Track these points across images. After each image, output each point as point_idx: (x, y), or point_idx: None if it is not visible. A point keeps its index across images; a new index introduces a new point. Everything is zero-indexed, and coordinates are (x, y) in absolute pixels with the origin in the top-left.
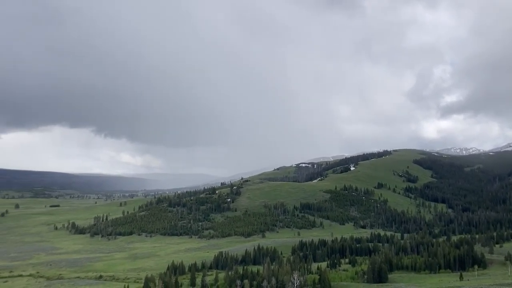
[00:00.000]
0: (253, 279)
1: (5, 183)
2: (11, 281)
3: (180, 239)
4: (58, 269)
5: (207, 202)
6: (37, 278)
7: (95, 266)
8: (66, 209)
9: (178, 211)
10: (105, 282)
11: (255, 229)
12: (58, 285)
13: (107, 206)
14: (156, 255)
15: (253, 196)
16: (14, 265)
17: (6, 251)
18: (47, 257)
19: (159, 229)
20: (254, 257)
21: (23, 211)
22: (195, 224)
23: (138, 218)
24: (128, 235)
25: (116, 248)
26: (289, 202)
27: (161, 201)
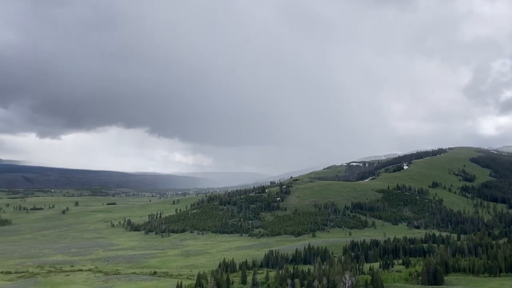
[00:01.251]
0: (304, 278)
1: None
2: (72, 275)
3: (231, 237)
4: (115, 264)
5: (257, 201)
6: (95, 273)
7: (149, 262)
8: (122, 207)
9: (228, 209)
10: (159, 278)
11: (305, 229)
12: (115, 280)
13: (161, 204)
14: (207, 252)
15: (302, 195)
16: (75, 260)
17: (67, 246)
18: (105, 253)
19: (211, 227)
20: (304, 256)
21: (82, 208)
22: (245, 223)
23: (190, 216)
24: (180, 232)
25: (170, 245)
26: (340, 202)
27: (212, 199)
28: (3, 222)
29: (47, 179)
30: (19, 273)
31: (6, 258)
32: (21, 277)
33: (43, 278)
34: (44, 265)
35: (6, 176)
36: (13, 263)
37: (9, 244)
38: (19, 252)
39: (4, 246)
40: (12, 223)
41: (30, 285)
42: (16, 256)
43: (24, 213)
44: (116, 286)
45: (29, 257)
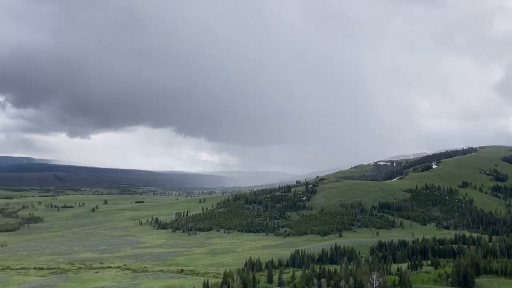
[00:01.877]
0: (331, 278)
1: (95, 180)
2: (101, 272)
3: (257, 236)
4: (142, 262)
5: (283, 200)
6: (124, 270)
7: (176, 260)
8: (149, 205)
9: (254, 208)
10: (186, 276)
11: (331, 228)
12: (143, 277)
13: (187, 203)
14: (233, 251)
15: (329, 195)
16: (104, 257)
17: (97, 244)
18: (133, 250)
19: (237, 226)
20: (331, 256)
21: (111, 206)
22: (271, 222)
23: (216, 214)
24: (207, 231)
25: (196, 243)
26: (367, 201)
27: (238, 198)
28: (35, 220)
29: (77, 177)
30: (51, 269)
31: (39, 254)
32: (53, 273)
33: (73, 274)
34: (75, 261)
35: (38, 175)
36: (45, 259)
37: (42, 240)
38: (50, 248)
39: (37, 242)
40: (44, 220)
41: (61, 281)
42: (48, 252)
43: (55, 211)
44: (143, 283)
45: (60, 254)
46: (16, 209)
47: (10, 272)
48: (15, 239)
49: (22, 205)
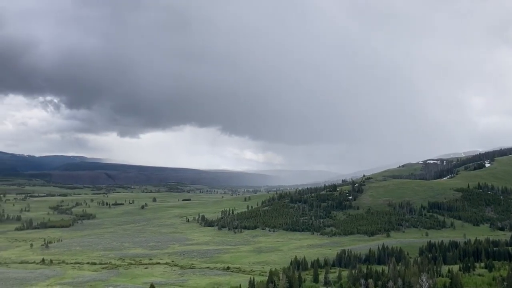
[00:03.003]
0: (378, 279)
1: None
2: (150, 268)
3: (302, 235)
4: (190, 259)
5: (328, 199)
6: (172, 266)
7: (223, 258)
8: (196, 203)
9: (299, 207)
10: (232, 274)
11: (379, 228)
12: (191, 274)
13: (233, 201)
14: (279, 249)
15: (376, 194)
16: (153, 253)
17: (146, 240)
18: (180, 247)
19: (282, 224)
20: (378, 256)
21: (159, 204)
22: (316, 221)
23: (261, 213)
24: (252, 229)
25: (242, 241)
26: (416, 201)
27: (282, 197)
28: (88, 216)
29: (127, 176)
30: (103, 264)
31: (92, 250)
32: (105, 268)
33: (124, 270)
34: (125, 257)
35: (90, 173)
36: (98, 254)
37: (94, 236)
38: (102, 244)
39: (90, 238)
40: (96, 217)
41: (112, 275)
42: (100, 248)
43: (107, 208)
44: (191, 280)
45: (111, 250)
46: (71, 206)
47: (66, 266)
48: (69, 234)
49: (76, 202)
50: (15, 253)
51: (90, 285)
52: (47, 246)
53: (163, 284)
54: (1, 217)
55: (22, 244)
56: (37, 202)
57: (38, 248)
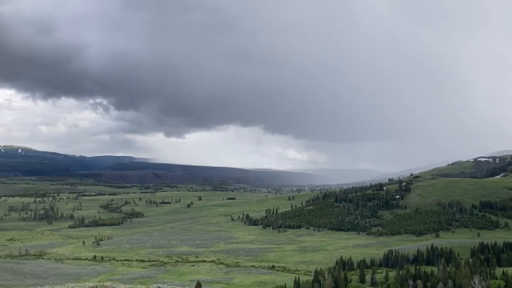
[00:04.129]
0: (427, 280)
1: (190, 177)
2: (196, 265)
3: (347, 235)
4: (235, 257)
5: (374, 199)
6: (218, 264)
7: (267, 257)
8: (240, 202)
9: (344, 206)
10: (277, 273)
11: (427, 228)
12: (236, 272)
13: (277, 200)
14: (324, 249)
15: (424, 193)
16: (199, 251)
17: (192, 238)
18: (225, 245)
19: (326, 224)
20: (427, 257)
21: (204, 202)
22: (362, 221)
23: (305, 212)
24: (296, 228)
25: (286, 240)
26: (466, 200)
27: (327, 196)
28: (137, 215)
29: (174, 175)
30: (151, 261)
31: (140, 247)
32: (153, 265)
33: (171, 267)
34: (172, 255)
35: (138, 173)
36: (146, 252)
37: (142, 234)
38: (151, 242)
39: (138, 236)
40: (144, 215)
41: (160, 273)
42: (148, 246)
43: (154, 206)
44: (236, 278)
45: (159, 247)
46: (120, 205)
47: (116, 263)
48: (119, 232)
49: (125, 201)
50: (69, 250)
51: (139, 282)
52: (98, 244)
53: (209, 281)
54: (55, 215)
55: (75, 241)
56: (88, 201)
57: (90, 245)
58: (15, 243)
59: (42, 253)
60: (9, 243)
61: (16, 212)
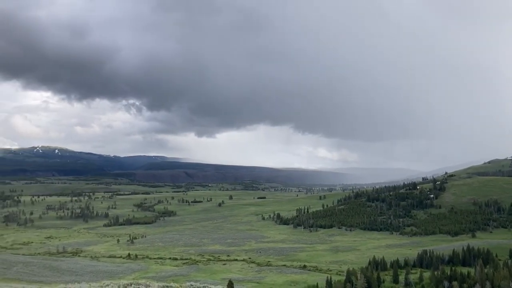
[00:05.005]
0: (463, 282)
1: (221, 176)
2: (228, 264)
3: (380, 235)
4: (266, 256)
5: (408, 198)
6: (249, 263)
7: (299, 256)
8: (271, 201)
9: (377, 206)
10: (309, 272)
11: (463, 228)
12: (267, 271)
13: (308, 199)
14: (356, 249)
15: (459, 192)
16: (230, 250)
17: (224, 237)
18: (257, 244)
19: (359, 224)
20: (463, 258)
21: (235, 201)
22: (395, 220)
23: (337, 211)
24: (328, 228)
25: (318, 240)
26: (504, 200)
27: (359, 195)
28: (169, 213)
29: (205, 174)
30: (183, 259)
31: (173, 245)
32: (185, 264)
33: (203, 265)
34: (204, 253)
35: (170, 172)
36: (179, 250)
37: (175, 233)
38: (183, 240)
39: (171, 234)
40: (177, 214)
41: (193, 271)
42: (181, 244)
43: (186, 205)
44: (268, 277)
45: (191, 246)
46: (153, 204)
47: (149, 261)
48: (152, 231)
49: (157, 200)
50: (104, 248)
51: (172, 280)
52: (132, 242)
53: (241, 280)
54: (91, 214)
55: (110, 239)
56: (122, 200)
57: (124, 243)
58: (53, 241)
59: (78, 251)
60: (48, 241)
61: (53, 211)
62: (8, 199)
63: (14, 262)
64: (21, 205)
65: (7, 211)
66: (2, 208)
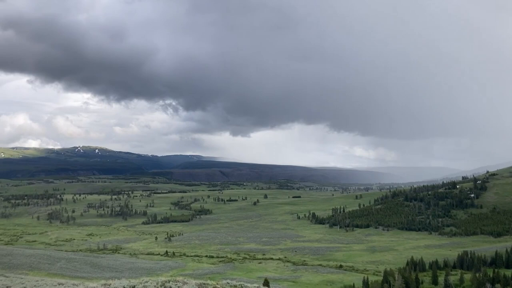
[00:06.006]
0: (507, 284)
1: (255, 175)
2: (264, 263)
3: (418, 235)
4: (302, 255)
5: (447, 197)
6: (285, 262)
7: (335, 256)
8: (306, 200)
9: (415, 205)
10: (345, 272)
11: (506, 229)
12: (303, 270)
13: (343, 199)
14: (393, 249)
15: (502, 192)
16: (265, 249)
17: (259, 236)
18: (292, 243)
19: (396, 223)
20: (506, 259)
21: (270, 200)
22: (434, 220)
23: (374, 211)
24: (364, 227)
25: (354, 239)
26: None
27: (396, 194)
28: (205, 212)
29: (240, 173)
30: (220, 257)
31: (209, 243)
32: (221, 262)
33: (239, 263)
34: (240, 252)
35: (206, 171)
36: (215, 248)
37: (211, 231)
38: (219, 238)
39: (207, 232)
40: (212, 212)
41: (229, 269)
42: (217, 242)
43: (222, 204)
44: (304, 276)
45: (227, 244)
46: (189, 202)
47: (186, 259)
48: (189, 229)
49: (194, 198)
50: (143, 245)
51: (209, 278)
52: (170, 239)
53: (277, 279)
54: (130, 212)
55: (148, 237)
56: (160, 198)
57: (162, 241)
58: (94, 238)
59: (118, 248)
60: (89, 238)
61: (94, 209)
62: (51, 198)
63: (57, 258)
64: (64, 203)
65: (50, 209)
66: (46, 206)
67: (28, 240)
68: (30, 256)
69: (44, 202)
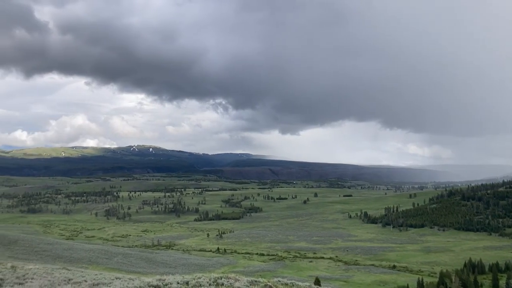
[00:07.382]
0: None
1: (305, 174)
2: (314, 261)
3: (477, 236)
4: (353, 255)
5: (508, 197)
6: (336, 261)
7: (388, 256)
8: (357, 199)
9: (473, 205)
10: (398, 273)
11: None
12: (355, 270)
13: (397, 197)
14: (450, 250)
15: None
16: (316, 247)
17: (309, 234)
18: (343, 243)
19: (452, 223)
20: None
21: (320, 199)
22: (494, 220)
23: (429, 210)
24: (419, 227)
25: (408, 239)
26: None
27: (453, 193)
28: (255, 209)
29: (289, 171)
30: (270, 255)
31: (260, 241)
32: (272, 259)
33: (290, 262)
34: (290, 250)
35: (256, 169)
36: (265, 246)
37: (261, 229)
38: (269, 236)
39: (258, 230)
40: (262, 210)
41: (279, 267)
42: (267, 240)
43: (272, 202)
44: (356, 276)
45: (277, 242)
46: (240, 200)
47: (237, 256)
48: (239, 226)
49: (244, 196)
50: (195, 242)
51: (260, 275)
52: (221, 237)
53: (328, 278)
54: (182, 209)
55: (200, 233)
56: (211, 195)
57: (214, 238)
58: (148, 234)
59: (171, 244)
60: (144, 234)
61: (149, 206)
62: (108, 195)
63: (114, 253)
64: (120, 200)
65: (108, 205)
66: (104, 203)
67: (87, 236)
68: (89, 251)
69: (101, 199)
